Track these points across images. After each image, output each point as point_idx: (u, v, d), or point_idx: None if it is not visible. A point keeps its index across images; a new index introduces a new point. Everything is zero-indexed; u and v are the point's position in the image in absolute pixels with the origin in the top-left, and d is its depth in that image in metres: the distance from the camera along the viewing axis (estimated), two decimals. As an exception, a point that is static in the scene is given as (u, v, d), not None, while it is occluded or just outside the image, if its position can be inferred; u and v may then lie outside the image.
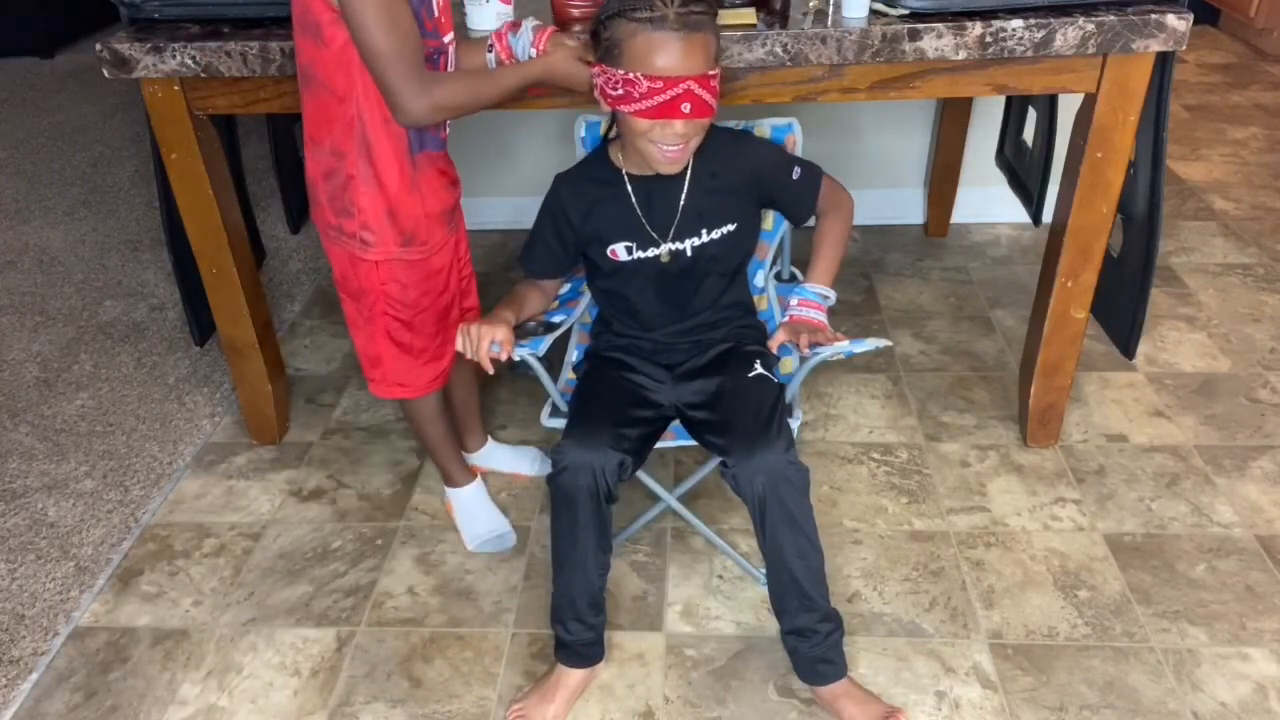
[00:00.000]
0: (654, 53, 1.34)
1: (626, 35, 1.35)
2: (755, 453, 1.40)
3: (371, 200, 1.49)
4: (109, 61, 1.65)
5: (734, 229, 1.55)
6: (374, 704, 1.60)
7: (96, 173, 3.59)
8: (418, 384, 1.71)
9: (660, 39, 1.33)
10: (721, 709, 1.56)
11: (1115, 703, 1.55)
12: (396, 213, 1.51)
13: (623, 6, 1.35)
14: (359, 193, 1.49)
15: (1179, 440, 2.08)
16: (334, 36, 1.36)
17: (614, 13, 1.37)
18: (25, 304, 2.77)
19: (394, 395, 1.72)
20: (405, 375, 1.69)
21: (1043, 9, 1.61)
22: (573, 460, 1.41)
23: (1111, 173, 1.74)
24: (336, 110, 1.43)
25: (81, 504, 2.03)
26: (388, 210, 1.50)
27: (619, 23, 1.36)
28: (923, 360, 2.36)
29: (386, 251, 1.54)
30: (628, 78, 1.36)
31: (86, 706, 1.61)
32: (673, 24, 1.33)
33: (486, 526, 1.88)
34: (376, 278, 1.57)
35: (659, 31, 1.33)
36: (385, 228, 1.52)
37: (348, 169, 1.47)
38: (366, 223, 1.51)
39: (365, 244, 1.53)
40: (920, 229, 2.95)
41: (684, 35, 1.34)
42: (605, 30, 1.38)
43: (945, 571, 1.79)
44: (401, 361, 1.67)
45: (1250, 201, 3.03)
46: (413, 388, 1.71)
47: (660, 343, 1.62)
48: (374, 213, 1.50)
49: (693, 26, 1.34)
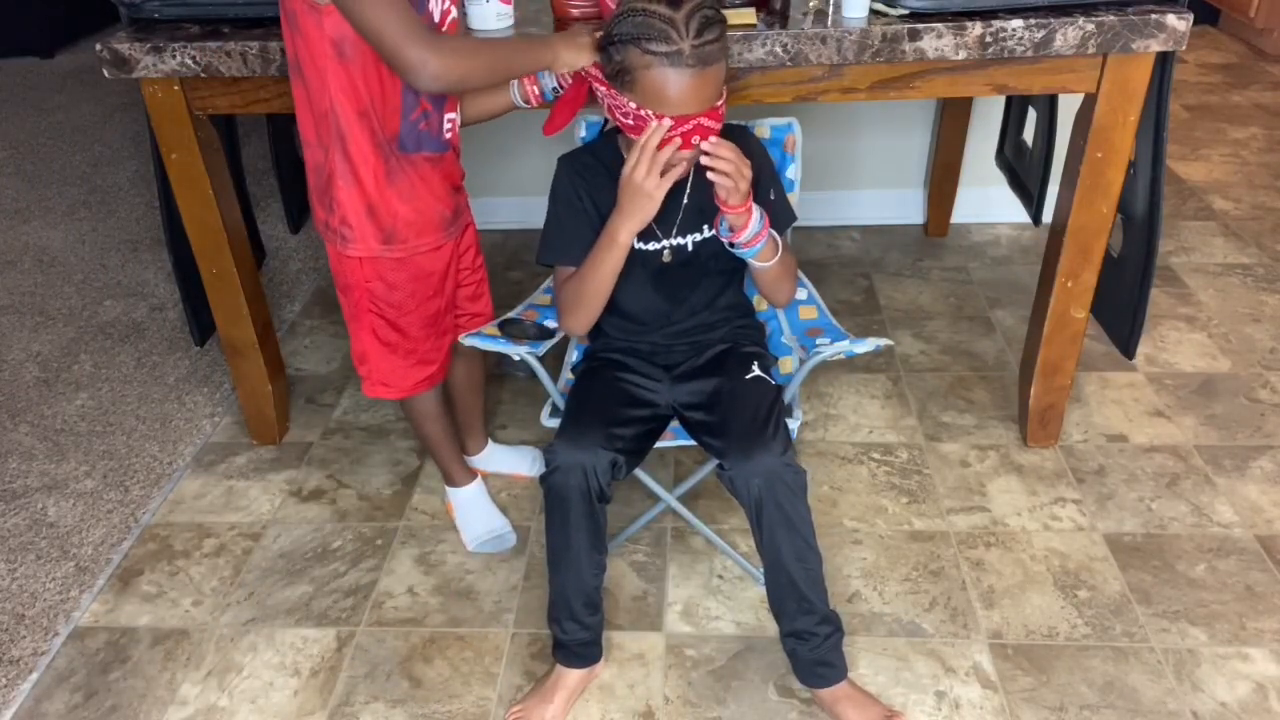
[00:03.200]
0: (667, 90, 1.32)
1: (639, 66, 1.32)
2: (752, 455, 1.39)
3: (349, 195, 1.48)
4: (109, 61, 1.65)
5: None
6: (374, 704, 1.60)
7: (96, 173, 3.59)
8: (402, 385, 1.69)
9: (675, 78, 1.31)
10: (721, 709, 1.56)
11: (1115, 703, 1.55)
12: (375, 209, 1.49)
13: (637, 34, 1.31)
14: (338, 187, 1.47)
15: (1179, 440, 2.08)
16: (307, 25, 1.34)
17: (628, 38, 1.33)
18: (25, 304, 2.77)
19: (378, 395, 1.70)
20: (390, 375, 1.67)
21: (1043, 9, 1.61)
22: (564, 460, 1.41)
23: (1111, 173, 1.74)
24: (315, 102, 1.42)
25: (81, 504, 2.03)
26: (366, 206, 1.48)
27: (633, 51, 1.32)
28: (923, 360, 2.36)
29: (367, 248, 1.52)
30: (639, 113, 1.35)
31: (86, 706, 1.61)
32: (688, 59, 1.30)
33: (486, 526, 1.88)
34: (360, 274, 1.55)
35: (674, 69, 1.31)
36: (364, 224, 1.50)
37: (330, 163, 1.47)
38: (345, 218, 1.50)
39: (345, 239, 1.52)
40: (920, 229, 2.95)
41: (698, 72, 1.31)
42: (617, 53, 1.35)
43: (945, 571, 1.79)
44: (386, 361, 1.65)
45: (1250, 201, 3.03)
46: (397, 388, 1.69)
47: (658, 344, 1.62)
48: (352, 208, 1.49)
49: (706, 60, 1.32)
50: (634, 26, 1.32)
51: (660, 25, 1.29)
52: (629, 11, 1.33)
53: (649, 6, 1.31)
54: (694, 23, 1.30)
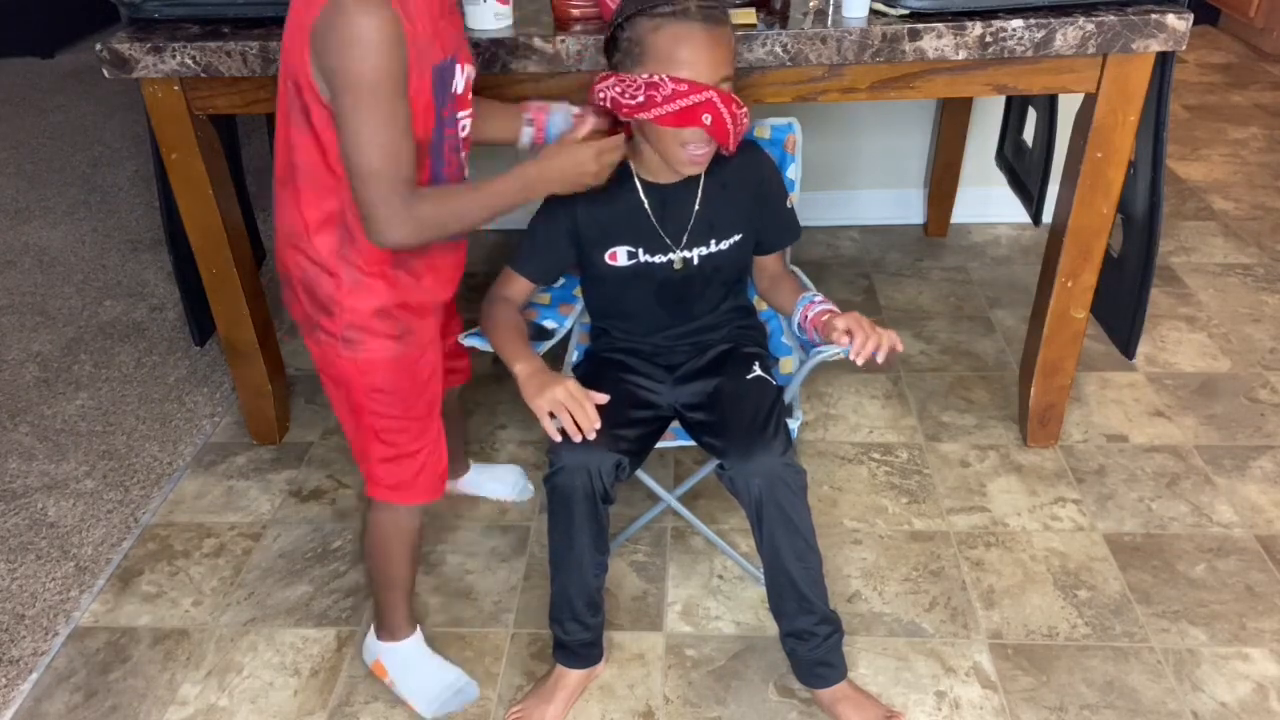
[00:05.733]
0: (679, 45, 1.32)
1: (648, 31, 1.33)
2: (752, 455, 1.40)
3: (356, 297, 1.32)
4: (109, 61, 1.65)
5: (739, 239, 1.55)
6: (374, 704, 1.60)
7: (96, 173, 3.59)
8: (418, 487, 1.47)
9: (685, 30, 1.32)
10: (721, 709, 1.56)
11: (1115, 703, 1.55)
12: (388, 309, 1.34)
13: (641, 6, 1.34)
14: (342, 290, 1.31)
15: (1179, 440, 2.08)
16: (324, 131, 1.21)
17: (632, 13, 1.35)
18: (25, 304, 2.77)
19: (389, 500, 1.47)
20: (403, 478, 1.45)
21: (1043, 9, 1.61)
22: (569, 461, 1.41)
23: (1111, 173, 1.74)
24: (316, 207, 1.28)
25: (81, 504, 2.03)
26: (378, 307, 1.33)
27: (639, 21, 1.34)
28: (923, 360, 2.36)
29: (383, 349, 1.36)
30: (650, 80, 1.33)
31: (86, 706, 1.61)
32: (694, 15, 1.32)
33: (441, 682, 1.58)
34: (357, 372, 1.36)
35: (683, 23, 1.32)
36: (375, 324, 1.34)
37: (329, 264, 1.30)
38: (353, 322, 1.33)
39: (351, 343, 1.34)
40: (920, 229, 2.95)
41: (708, 28, 1.33)
42: (624, 31, 1.36)
43: (945, 571, 1.79)
44: (398, 465, 1.44)
45: (1250, 201, 3.03)
46: (411, 492, 1.46)
47: (660, 345, 1.62)
48: (363, 308, 1.32)
49: (713, 20, 1.34)
50: (637, 2, 1.34)
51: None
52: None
53: None
54: None
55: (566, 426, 1.35)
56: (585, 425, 1.34)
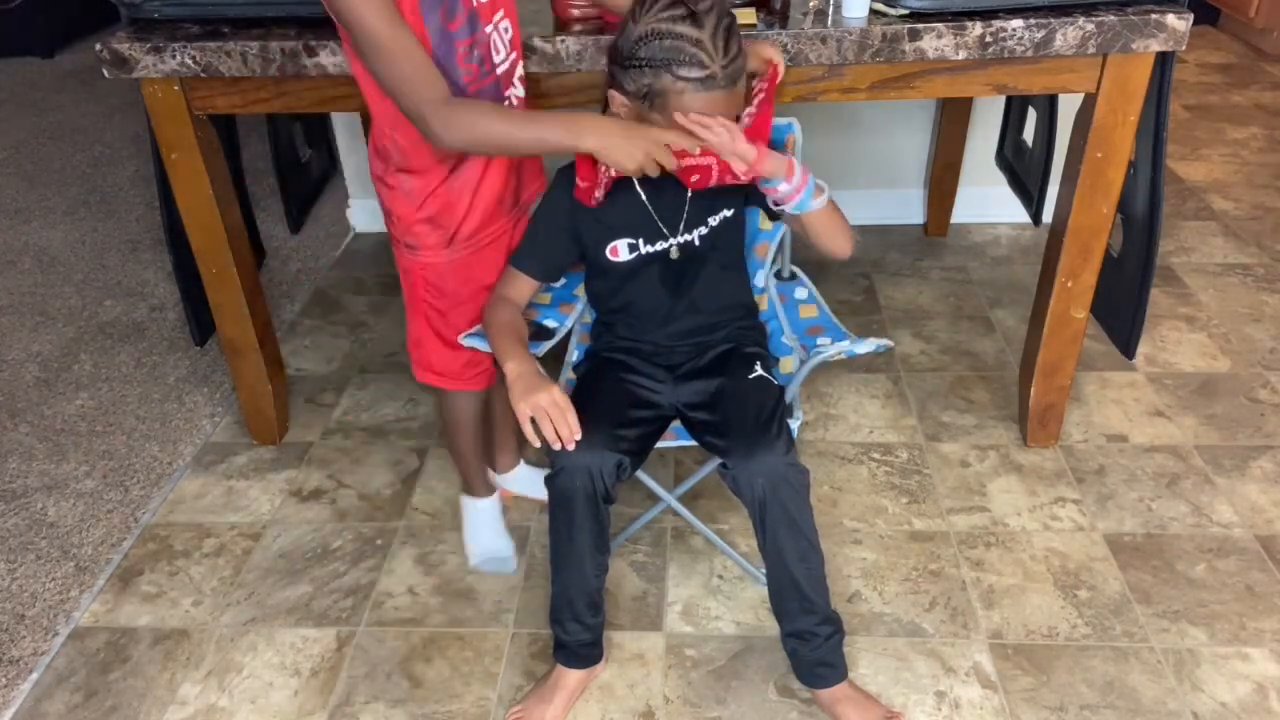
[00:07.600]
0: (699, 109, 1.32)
1: (672, 91, 1.32)
2: (755, 454, 1.40)
3: (406, 207, 1.47)
4: (109, 61, 1.65)
5: (731, 214, 1.55)
6: (374, 704, 1.60)
7: (96, 173, 3.59)
8: (453, 376, 1.65)
9: (707, 101, 1.31)
10: (721, 709, 1.56)
11: (1115, 703, 1.55)
12: (437, 217, 1.49)
13: (668, 59, 1.30)
14: (396, 199, 1.47)
15: (1179, 440, 2.08)
16: (354, 59, 1.35)
17: (659, 64, 1.31)
18: (25, 304, 2.77)
19: (428, 381, 1.66)
20: (443, 364, 1.64)
21: (1043, 9, 1.61)
22: (570, 462, 1.41)
23: (1111, 173, 1.74)
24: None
25: (81, 504, 2.03)
26: (427, 217, 1.48)
27: (664, 77, 1.31)
28: (923, 360, 2.36)
29: (434, 255, 1.52)
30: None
31: (86, 706, 1.61)
32: (720, 81, 1.30)
33: (492, 546, 1.85)
34: (416, 264, 1.54)
35: (708, 93, 1.31)
36: (427, 233, 1.50)
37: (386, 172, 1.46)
38: (410, 228, 1.50)
39: (411, 247, 1.52)
40: (920, 229, 2.95)
41: (729, 90, 1.33)
42: (645, 77, 1.33)
43: (945, 571, 1.79)
44: (440, 350, 1.62)
45: (1250, 201, 3.03)
46: (448, 378, 1.66)
47: (661, 345, 1.62)
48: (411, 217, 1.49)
49: (736, 77, 1.33)
50: (664, 51, 1.30)
51: (691, 50, 1.28)
52: (653, 35, 1.30)
53: (674, 29, 1.29)
54: (720, 39, 1.30)
55: (546, 433, 1.35)
56: (565, 435, 1.35)
